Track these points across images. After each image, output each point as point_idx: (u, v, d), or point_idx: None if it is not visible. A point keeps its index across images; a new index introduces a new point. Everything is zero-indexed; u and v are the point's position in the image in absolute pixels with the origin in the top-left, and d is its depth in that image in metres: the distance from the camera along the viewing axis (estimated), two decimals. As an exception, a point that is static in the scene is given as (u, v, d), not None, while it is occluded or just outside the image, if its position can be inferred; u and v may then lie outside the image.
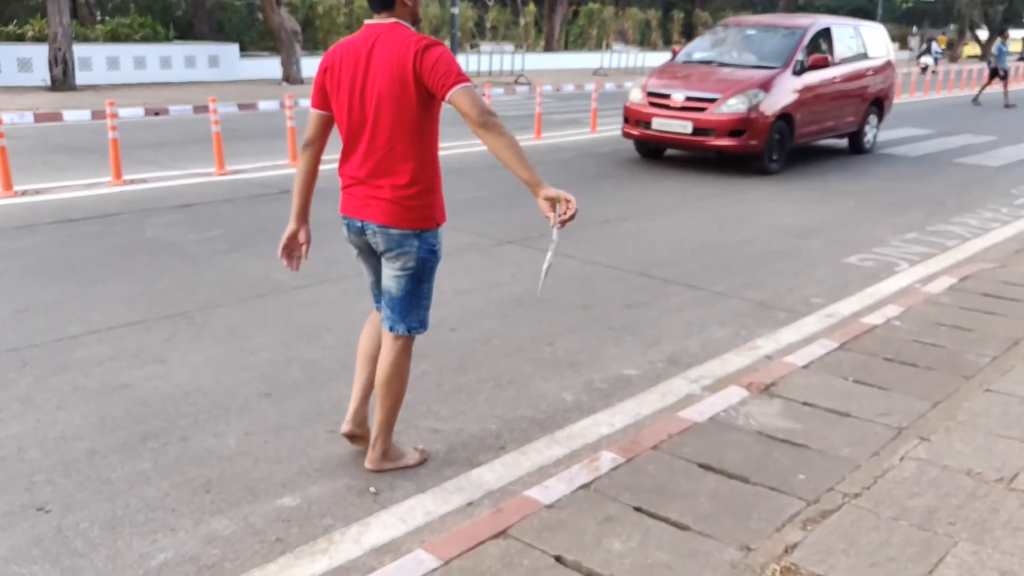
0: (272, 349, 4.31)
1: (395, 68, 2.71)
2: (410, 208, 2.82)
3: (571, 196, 2.69)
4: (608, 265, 5.98)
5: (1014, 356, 4.18)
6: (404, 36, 2.73)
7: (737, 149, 9.61)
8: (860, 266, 6.15)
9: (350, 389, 3.86)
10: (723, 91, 9.70)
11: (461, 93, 2.66)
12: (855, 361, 4.14)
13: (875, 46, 11.93)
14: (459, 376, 4.06)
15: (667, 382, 4.06)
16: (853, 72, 11.20)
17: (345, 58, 2.81)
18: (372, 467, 3.13)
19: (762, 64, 10.25)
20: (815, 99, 10.38)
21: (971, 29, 44.91)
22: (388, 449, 3.15)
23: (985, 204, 8.43)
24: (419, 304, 2.98)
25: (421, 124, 2.78)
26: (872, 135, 12.01)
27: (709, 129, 9.61)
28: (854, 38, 11.54)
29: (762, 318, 4.98)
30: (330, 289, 5.28)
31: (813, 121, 10.47)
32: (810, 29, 10.64)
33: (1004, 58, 19.32)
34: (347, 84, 2.80)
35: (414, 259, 2.87)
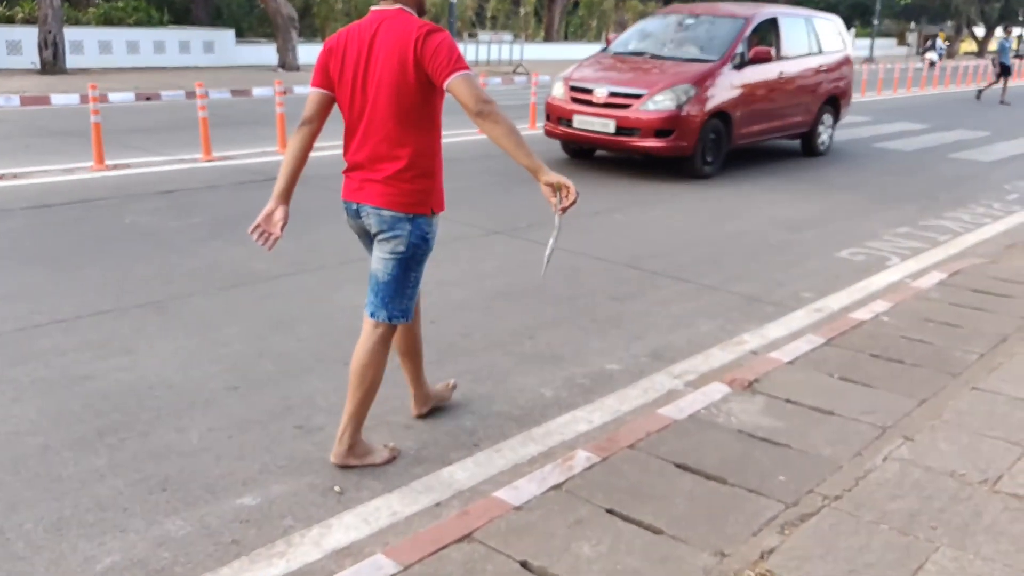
0: (244, 340, 4.20)
1: (397, 54, 2.72)
2: (404, 192, 2.81)
3: (571, 183, 2.72)
4: (597, 257, 5.87)
5: (1001, 353, 4.09)
6: (407, 22, 2.74)
7: (665, 151, 8.62)
8: (851, 260, 6.05)
9: (322, 382, 3.79)
10: (649, 86, 8.71)
11: (459, 81, 2.66)
12: (841, 357, 4.04)
13: (830, 40, 10.93)
14: (436, 370, 3.95)
15: (649, 377, 3.96)
16: (803, 67, 10.22)
17: (349, 42, 2.81)
18: (337, 461, 3.02)
19: (698, 57, 9.28)
20: (758, 96, 9.45)
21: (968, 26, 44.75)
22: (355, 444, 3.05)
23: (978, 199, 8.34)
24: (403, 293, 2.95)
25: (421, 110, 2.78)
26: (827, 136, 10.99)
27: (633, 128, 8.60)
28: (805, 31, 10.54)
29: (750, 312, 4.88)
30: (309, 279, 5.17)
31: (756, 120, 9.50)
32: (752, 19, 9.60)
33: (1006, 54, 19.14)
34: (350, 69, 2.81)
35: (404, 243, 2.85)
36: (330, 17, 24.81)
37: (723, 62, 9.06)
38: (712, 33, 9.64)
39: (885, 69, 24.41)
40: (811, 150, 10.77)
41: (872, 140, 12.38)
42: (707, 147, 8.93)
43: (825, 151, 10.95)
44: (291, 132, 2.97)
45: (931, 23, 47.76)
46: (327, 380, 3.79)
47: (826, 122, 10.86)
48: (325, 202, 6.97)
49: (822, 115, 10.70)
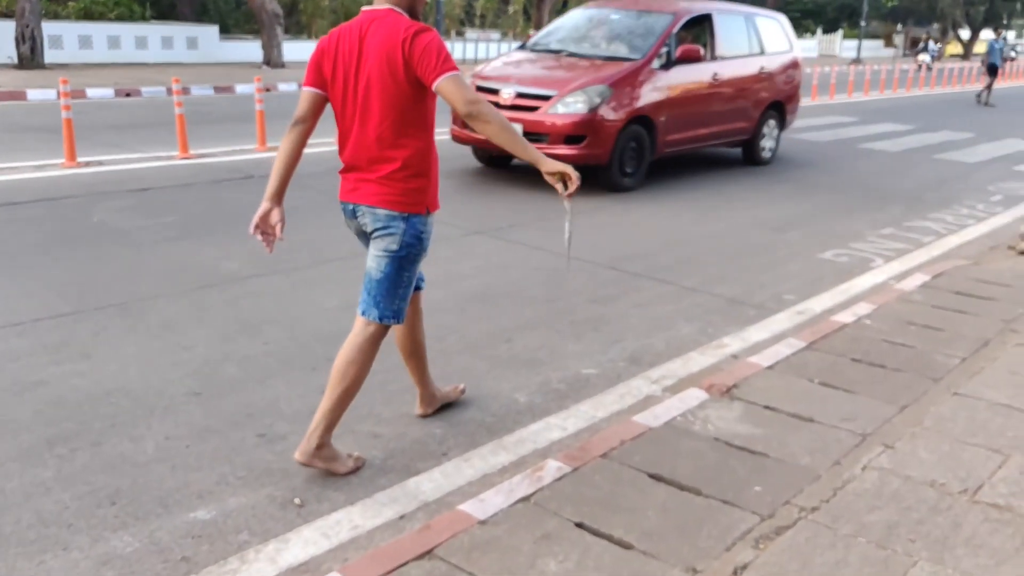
0: (209, 344, 4.07)
1: (386, 54, 2.72)
2: (399, 191, 2.81)
3: (571, 169, 2.75)
4: (577, 257, 5.76)
5: (983, 357, 4.01)
6: (396, 22, 2.73)
7: (576, 159, 7.34)
8: (835, 261, 5.97)
9: (288, 388, 3.67)
10: (560, 87, 7.76)
11: (447, 82, 2.66)
12: (822, 362, 3.95)
13: (774, 40, 10.05)
14: (406, 374, 3.83)
15: (626, 383, 3.86)
16: (742, 69, 9.36)
17: (341, 43, 2.81)
18: (301, 459, 2.90)
19: (619, 55, 8.38)
20: (688, 100, 8.57)
21: (954, 28, 44.99)
22: (324, 445, 2.93)
23: (962, 200, 8.30)
24: (395, 292, 2.93)
25: (413, 110, 2.78)
26: (771, 143, 10.09)
27: (541, 134, 7.57)
28: (745, 29, 9.68)
29: (731, 315, 4.79)
30: (281, 280, 5.04)
31: (685, 126, 8.62)
32: (682, 15, 8.71)
33: (995, 55, 19.10)
34: (341, 70, 2.81)
35: (398, 242, 2.84)
36: (316, 14, 24.61)
37: (646, 61, 8.16)
38: (637, 30, 8.75)
39: (872, 70, 24.43)
40: (753, 159, 9.88)
41: (858, 141, 12.35)
42: (626, 156, 7.97)
43: (770, 159, 10.08)
44: (271, 130, 2.89)
45: (917, 25, 48.01)
46: (293, 386, 3.68)
47: (770, 128, 10.00)
48: (303, 201, 6.85)
49: (765, 121, 9.85)
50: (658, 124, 8.22)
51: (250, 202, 2.87)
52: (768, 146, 10.05)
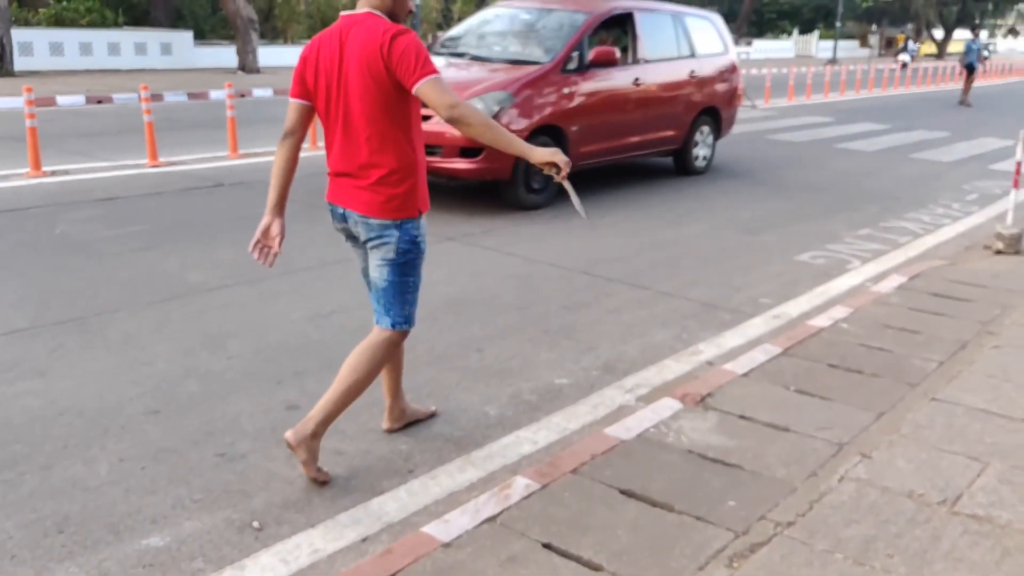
0: (170, 359, 3.95)
1: (366, 59, 2.70)
2: (389, 196, 2.80)
3: (559, 156, 2.76)
4: (551, 263, 5.68)
5: (960, 361, 3.96)
6: (375, 26, 2.71)
7: (474, 174, 6.93)
8: (812, 263, 5.93)
9: (250, 404, 3.55)
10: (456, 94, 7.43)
11: (427, 86, 2.65)
12: (798, 368, 3.88)
13: (706, 41, 9.37)
14: (374, 389, 3.70)
15: (600, 392, 3.77)
16: (669, 73, 8.65)
17: (322, 50, 2.80)
18: (292, 440, 2.88)
19: (525, 59, 7.58)
20: (604, 107, 7.78)
21: (927, 28, 45.44)
22: (317, 436, 2.91)
23: (938, 200, 8.30)
24: (402, 298, 2.95)
25: (396, 113, 2.76)
26: (706, 152, 9.37)
27: (434, 147, 6.74)
28: (673, 30, 8.93)
29: (706, 320, 4.72)
30: (248, 291, 4.91)
31: (603, 136, 7.78)
32: (597, 15, 7.94)
33: (974, 55, 19.18)
34: (324, 76, 2.79)
35: (394, 250, 2.85)
36: (292, 19, 24.41)
37: (555, 65, 7.38)
38: (548, 31, 7.94)
39: (848, 70, 24.54)
40: (685, 168, 9.14)
41: (835, 141, 12.35)
42: (533, 170, 6.95)
43: (704, 169, 9.38)
44: (243, 136, 2.81)
45: (892, 25, 48.42)
46: (256, 401, 3.56)
47: (703, 136, 9.27)
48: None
49: (697, 128, 9.10)
50: (570, 134, 7.38)
51: (220, 210, 2.78)
52: (702, 155, 9.34)
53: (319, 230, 6.10)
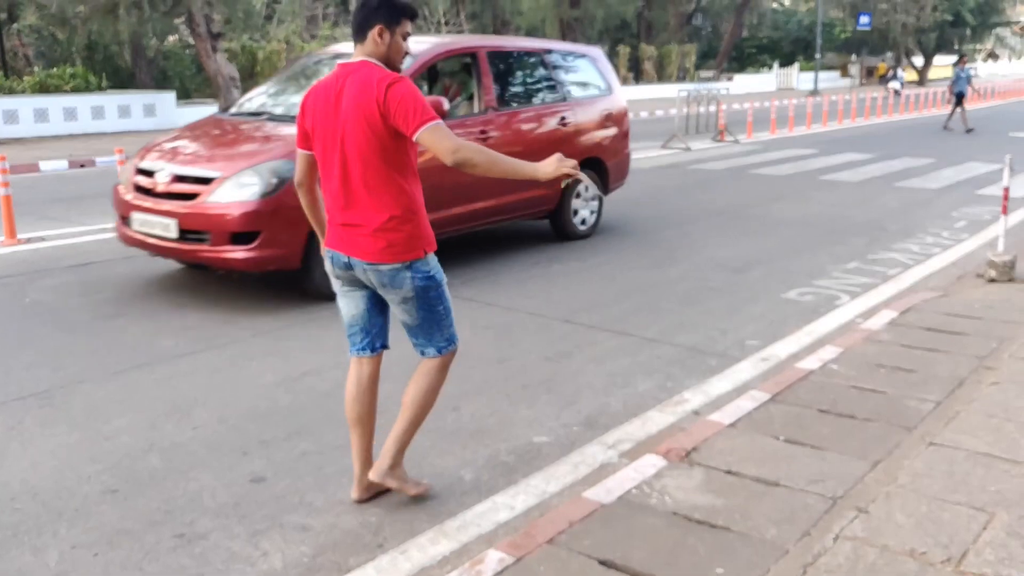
0: (134, 432, 3.77)
1: (362, 108, 2.74)
2: (394, 241, 2.82)
3: (566, 167, 2.77)
4: (531, 312, 5.53)
5: (958, 400, 3.80)
6: (370, 75, 2.76)
7: (252, 264, 5.50)
8: (799, 301, 5.79)
9: (214, 478, 3.37)
10: (227, 165, 5.62)
11: (428, 134, 2.69)
12: (788, 415, 3.72)
13: (584, 82, 8.04)
14: (344, 455, 3.55)
15: (581, 449, 3.60)
16: (533, 122, 7.27)
17: (318, 99, 2.86)
18: (375, 478, 3.07)
19: None
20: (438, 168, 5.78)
21: (907, 56, 46.01)
22: (397, 465, 3.11)
23: (926, 228, 8.19)
24: (439, 324, 3.02)
25: (394, 159, 2.80)
26: (589, 213, 7.85)
27: (200, 231, 5.49)
28: (534, 71, 7.58)
29: (692, 366, 4.56)
30: (216, 357, 4.74)
31: (442, 203, 5.94)
32: (426, 57, 6.48)
33: (961, 83, 19.22)
34: (320, 125, 2.85)
35: (411, 290, 2.88)
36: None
37: None
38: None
39: (829, 101, 24.73)
40: (564, 232, 7.66)
41: (819, 172, 12.31)
42: None
43: (589, 232, 7.84)
44: None
45: (871, 55, 48.97)
46: (219, 474, 3.39)
47: (586, 193, 7.78)
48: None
49: (576, 185, 7.48)
50: None
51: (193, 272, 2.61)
52: (584, 215, 7.82)
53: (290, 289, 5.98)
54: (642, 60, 38.02)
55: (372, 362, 3.15)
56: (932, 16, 42.18)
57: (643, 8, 39.19)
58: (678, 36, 41.85)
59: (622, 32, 41.83)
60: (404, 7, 2.90)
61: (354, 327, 3.09)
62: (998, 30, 51.73)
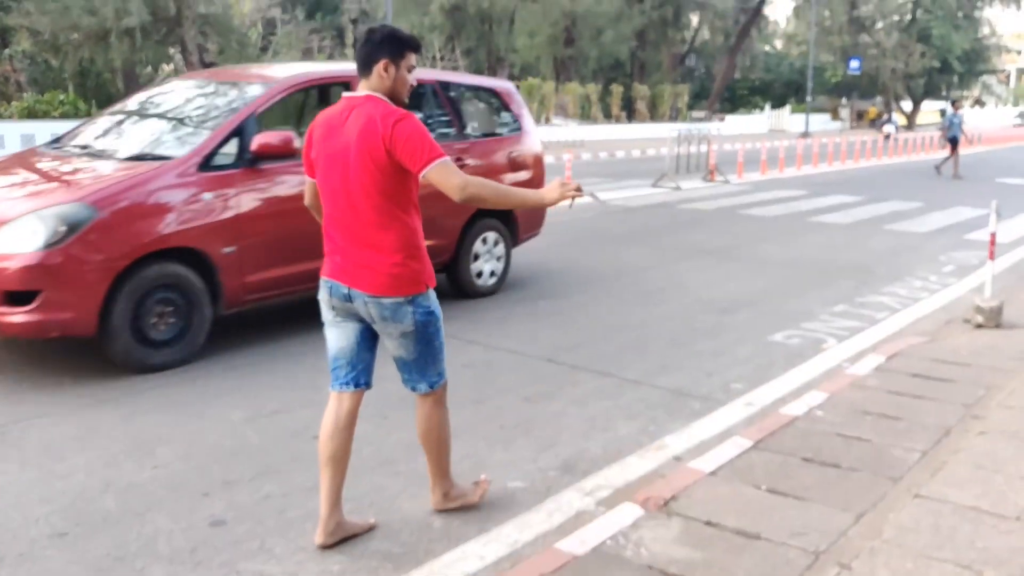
0: (90, 470, 3.62)
1: (366, 143, 2.76)
2: (397, 275, 2.83)
3: (564, 187, 2.83)
4: (513, 351, 5.41)
5: (945, 449, 3.69)
6: (375, 110, 2.78)
7: (31, 330, 4.63)
8: (786, 344, 5.69)
9: (171, 521, 3.22)
10: (11, 207, 4.77)
11: (436, 171, 2.73)
12: (771, 463, 3.59)
13: (487, 119, 7.35)
14: (310, 498, 3.41)
15: (557, 496, 3.47)
16: None
17: (323, 130, 2.89)
18: (437, 508, 3.25)
19: (153, 153, 5.30)
20: (286, 216, 5.28)
21: (896, 101, 46.61)
22: (448, 490, 3.25)
23: (914, 272, 8.13)
24: (434, 359, 3.05)
25: (398, 194, 2.82)
26: (494, 266, 6.88)
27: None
28: (430, 106, 6.62)
29: (675, 409, 4.45)
30: (186, 390, 4.60)
31: (283, 258, 5.36)
32: (276, 88, 5.61)
33: (956, 128, 19.21)
34: (324, 155, 2.87)
35: (412, 323, 2.89)
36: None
37: (189, 161, 5.08)
38: (200, 114, 5.71)
39: (820, 143, 24.91)
40: (463, 287, 6.70)
41: (808, 214, 12.30)
42: (147, 315, 4.82)
43: (495, 288, 6.90)
44: None
45: (862, 99, 49.60)
46: (177, 518, 3.24)
47: (488, 246, 6.83)
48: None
49: (478, 235, 6.68)
50: (219, 259, 5.09)
51: None
52: (488, 269, 6.84)
53: (267, 322, 5.86)
54: (635, 99, 38.35)
55: (352, 399, 3.07)
56: (921, 62, 42.84)
57: (637, 48, 39.66)
58: (671, 76, 42.30)
59: (616, 71, 42.32)
60: (408, 41, 2.94)
61: (340, 360, 3.03)
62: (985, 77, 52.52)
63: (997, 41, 48.12)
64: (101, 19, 19.44)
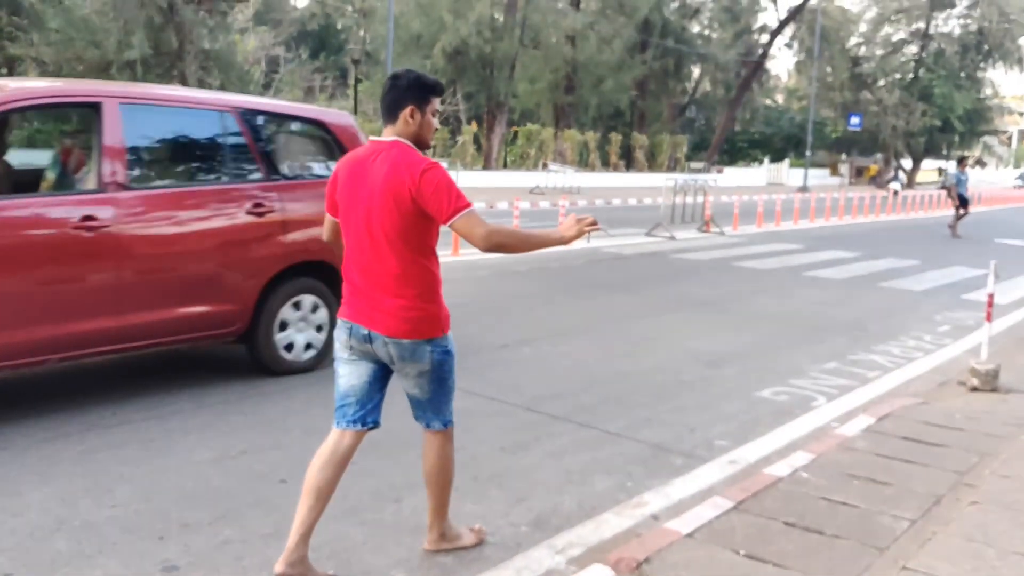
0: (44, 510, 3.47)
1: (391, 189, 2.80)
2: (415, 319, 2.89)
3: (579, 224, 2.92)
4: (493, 398, 5.28)
5: (935, 519, 3.55)
6: (401, 157, 2.83)
7: None
8: (774, 400, 5.56)
9: (122, 568, 3.07)
10: None
11: (463, 222, 2.79)
12: (751, 527, 3.45)
13: (306, 156, 6.06)
14: (269, 545, 3.27)
15: (526, 553, 3.32)
16: (195, 207, 5.11)
17: (349, 172, 2.94)
18: (431, 548, 3.23)
19: None
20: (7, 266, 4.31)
21: (896, 158, 46.95)
22: (445, 531, 3.25)
23: (908, 331, 8.02)
24: (447, 398, 3.10)
25: (420, 240, 2.87)
26: (310, 337, 5.58)
27: None
28: (212, 136, 5.34)
29: (655, 465, 4.30)
30: (154, 427, 4.46)
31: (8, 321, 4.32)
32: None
33: (963, 186, 19.13)
34: (348, 198, 2.93)
35: (429, 363, 2.95)
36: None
37: None
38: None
39: (817, 198, 25.01)
40: (266, 363, 5.43)
41: (803, 268, 12.23)
42: None
43: (312, 363, 5.57)
44: None
45: (862, 155, 50.01)
46: (128, 562, 3.10)
47: (304, 312, 5.54)
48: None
49: (285, 298, 5.43)
50: None
51: None
52: (303, 340, 5.53)
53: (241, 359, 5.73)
54: (634, 148, 38.68)
55: (356, 437, 3.06)
56: (922, 120, 43.17)
57: (637, 97, 40.07)
58: (671, 127, 42.73)
59: (616, 120, 42.70)
60: (433, 86, 2.97)
61: (349, 398, 3.03)
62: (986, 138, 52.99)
63: (999, 102, 48.63)
64: (104, 51, 19.58)
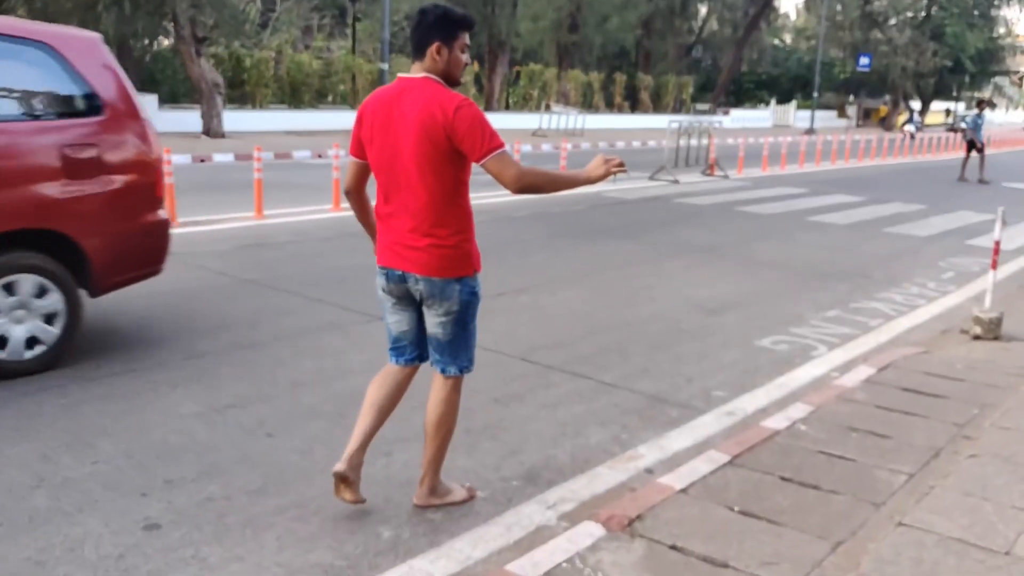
0: (23, 465, 3.41)
1: (424, 125, 2.76)
2: (448, 256, 2.88)
3: (608, 165, 2.87)
4: (488, 348, 5.17)
5: (933, 474, 3.47)
6: (432, 93, 2.78)
7: None
8: (773, 349, 5.46)
9: (103, 524, 3.00)
10: None
11: (495, 161, 2.76)
12: (746, 482, 3.38)
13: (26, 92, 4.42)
14: (254, 502, 3.21)
15: (517, 508, 3.26)
16: None
17: (376, 111, 2.88)
18: (420, 503, 3.19)
19: None
20: None
21: (905, 100, 46.09)
22: (436, 486, 3.20)
23: (912, 278, 7.89)
24: (467, 344, 3.07)
25: (454, 177, 2.85)
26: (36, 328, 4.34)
27: None
28: None
29: (651, 416, 4.23)
30: (139, 380, 4.38)
31: None
32: None
33: (980, 131, 18.57)
34: (378, 137, 2.88)
35: (457, 303, 2.94)
36: (260, 83, 24.14)
37: None
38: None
39: (824, 140, 24.59)
40: None
41: (807, 213, 12.04)
42: None
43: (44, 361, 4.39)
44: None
45: (870, 97, 49.14)
46: (109, 519, 3.03)
47: (22, 295, 4.31)
48: (192, 283, 6.27)
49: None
50: None
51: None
52: (20, 334, 4.30)
53: (237, 308, 5.63)
54: (639, 89, 38.01)
55: (414, 370, 3.21)
56: (932, 61, 42.27)
57: (642, 37, 39.26)
58: (676, 67, 41.91)
59: (620, 60, 41.90)
60: (461, 20, 2.90)
61: (402, 341, 3.13)
62: (997, 79, 51.95)
63: (1012, 41, 47.52)
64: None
